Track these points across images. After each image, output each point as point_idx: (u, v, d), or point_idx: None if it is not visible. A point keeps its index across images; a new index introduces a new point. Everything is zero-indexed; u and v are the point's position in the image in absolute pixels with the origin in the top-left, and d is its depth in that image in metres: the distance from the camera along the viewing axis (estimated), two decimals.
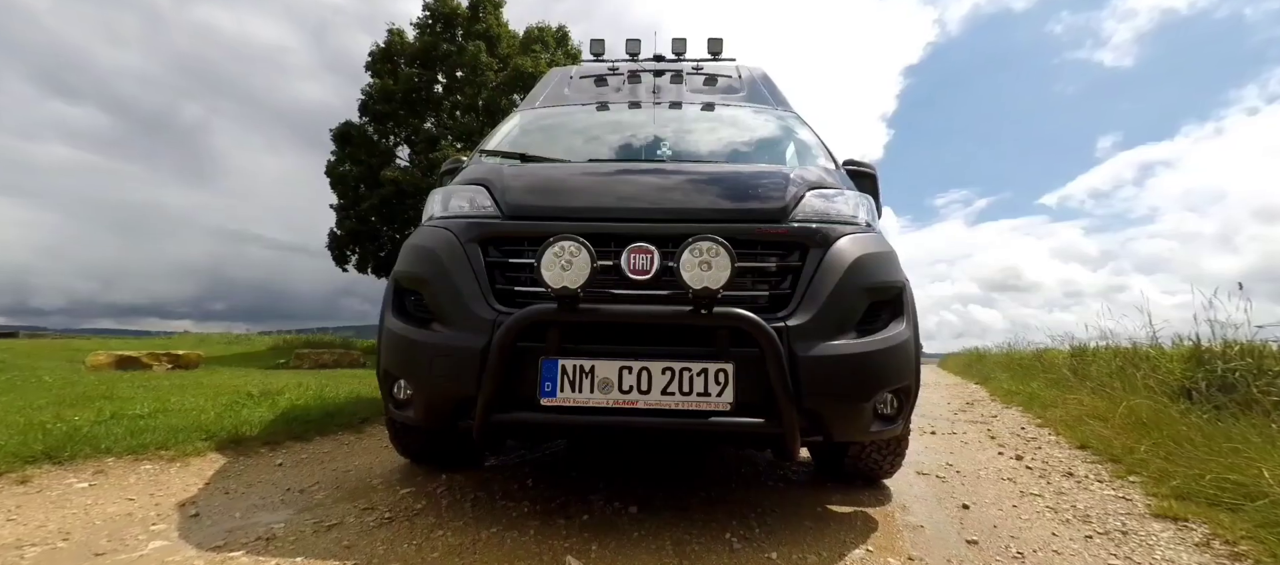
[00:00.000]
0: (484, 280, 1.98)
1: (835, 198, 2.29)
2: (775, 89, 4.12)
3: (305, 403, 4.39)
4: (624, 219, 2.03)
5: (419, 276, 2.11)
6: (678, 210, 2.08)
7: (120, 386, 6.93)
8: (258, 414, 3.87)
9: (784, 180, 2.27)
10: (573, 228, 2.00)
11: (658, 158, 2.91)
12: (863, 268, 1.99)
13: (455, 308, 1.94)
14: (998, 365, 13.37)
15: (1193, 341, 4.41)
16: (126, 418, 4.21)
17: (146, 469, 2.66)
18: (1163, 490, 2.55)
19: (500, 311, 1.88)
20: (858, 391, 1.86)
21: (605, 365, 1.76)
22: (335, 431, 3.64)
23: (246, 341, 29.14)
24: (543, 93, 4.09)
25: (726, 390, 1.74)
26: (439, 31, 16.92)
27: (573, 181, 2.36)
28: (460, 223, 2.15)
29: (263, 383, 6.95)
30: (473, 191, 2.32)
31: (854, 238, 2.08)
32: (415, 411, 2.06)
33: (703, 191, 2.22)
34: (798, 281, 1.95)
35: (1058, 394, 6.03)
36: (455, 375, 1.86)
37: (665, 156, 3.00)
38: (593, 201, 2.13)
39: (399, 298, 2.19)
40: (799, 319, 1.84)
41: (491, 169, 2.46)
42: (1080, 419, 4.41)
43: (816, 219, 2.13)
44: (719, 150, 3.14)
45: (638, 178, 2.38)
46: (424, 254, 2.13)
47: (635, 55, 4.54)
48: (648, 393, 1.74)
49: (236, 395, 5.16)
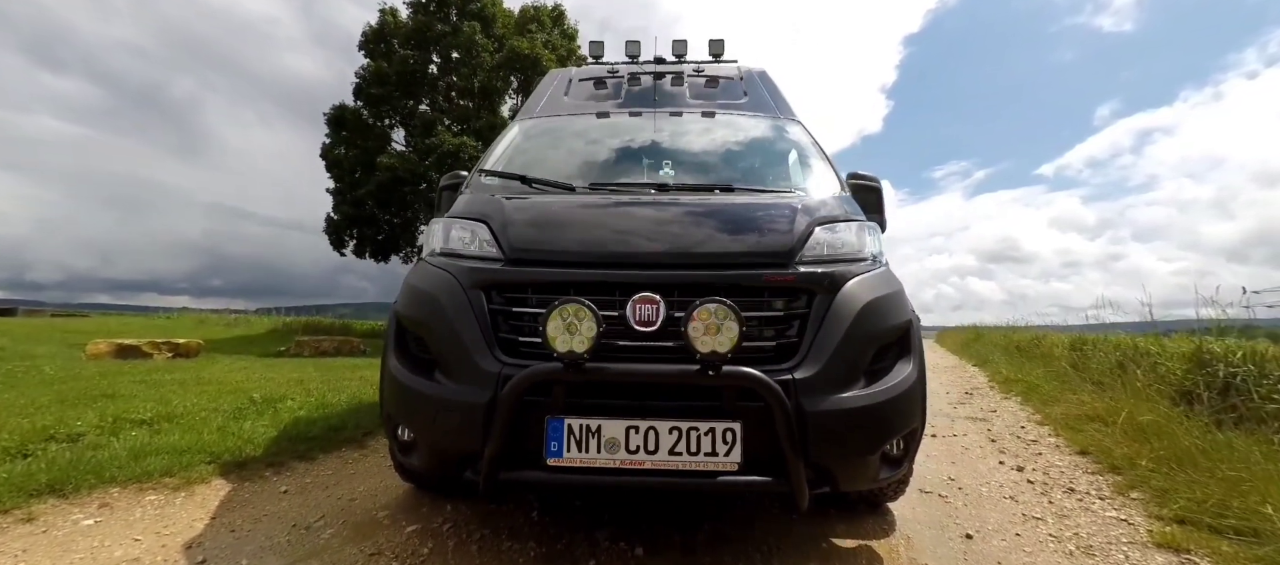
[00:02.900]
0: (487, 329, 1.95)
1: (841, 229, 2.25)
2: (776, 91, 4.04)
3: (307, 413, 4.39)
4: (628, 266, 1.99)
5: (421, 321, 2.08)
6: (684, 255, 2.03)
7: (121, 381, 6.95)
8: (260, 428, 3.87)
9: (790, 215, 2.22)
10: (576, 276, 1.97)
11: (661, 180, 2.85)
12: (871, 314, 1.96)
13: (459, 359, 1.92)
14: (996, 347, 13.43)
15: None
16: (129, 423, 4.23)
17: (151, 501, 2.66)
18: (1165, 513, 2.57)
19: (505, 363, 1.86)
20: (866, 444, 1.85)
21: (612, 425, 1.74)
22: (339, 447, 3.64)
23: (245, 323, 29.19)
24: (542, 98, 4.00)
25: (734, 449, 1.73)
26: (433, 11, 16.54)
27: (575, 217, 2.31)
28: (462, 266, 2.12)
29: (264, 380, 6.97)
30: (473, 228, 2.27)
31: (862, 280, 2.05)
32: (420, 461, 2.06)
33: (708, 232, 2.17)
34: (805, 328, 1.92)
35: (1057, 387, 6.07)
36: (460, 430, 1.84)
37: (668, 178, 2.94)
38: (596, 246, 2.08)
39: (401, 339, 2.17)
40: (806, 371, 1.82)
41: (492, 203, 2.40)
42: (1081, 420, 4.44)
43: (824, 260, 2.10)
44: (723, 171, 3.08)
45: (641, 212, 2.32)
46: (426, 299, 2.09)
47: (635, 58, 4.44)
48: (655, 453, 1.73)
49: (239, 398, 5.17)
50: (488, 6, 16.61)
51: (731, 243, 2.12)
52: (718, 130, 3.48)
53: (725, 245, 2.10)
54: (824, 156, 3.16)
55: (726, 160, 3.24)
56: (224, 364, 9.69)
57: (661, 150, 3.25)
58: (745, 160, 3.28)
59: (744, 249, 2.08)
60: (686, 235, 2.14)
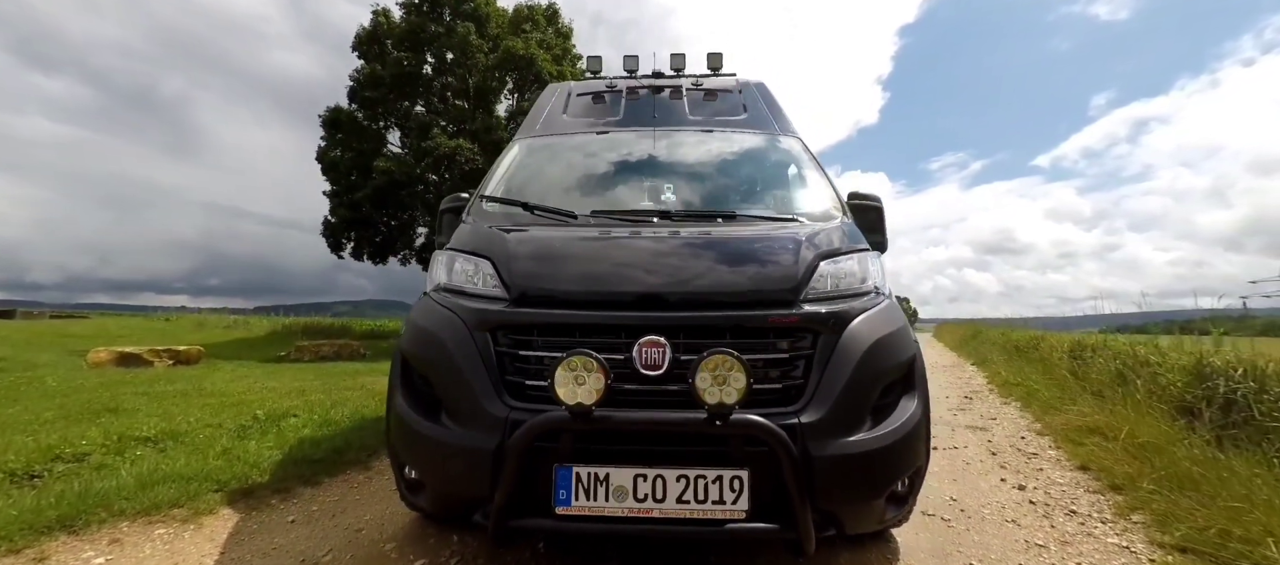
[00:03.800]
0: (494, 372, 1.96)
1: (844, 261, 2.27)
2: (774, 103, 4.05)
3: (311, 432, 4.40)
4: (634, 307, 2.00)
5: (427, 361, 2.09)
6: (689, 296, 2.04)
7: (124, 393, 6.96)
8: (265, 449, 3.88)
9: (794, 249, 2.23)
10: (582, 319, 1.98)
11: (663, 207, 2.85)
12: (876, 354, 1.98)
13: (466, 403, 1.93)
14: (994, 346, 13.49)
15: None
16: (134, 441, 4.25)
17: (161, 535, 2.67)
18: (1167, 540, 2.59)
19: (512, 408, 1.87)
20: (873, 488, 1.87)
21: (620, 473, 1.76)
22: (344, 470, 3.65)
23: (244, 326, 29.20)
24: (541, 115, 4.00)
25: (741, 497, 1.74)
26: (426, 11, 16.44)
27: (579, 253, 2.31)
28: (467, 306, 2.12)
29: (265, 391, 6.99)
30: (477, 263, 2.28)
31: (866, 318, 2.06)
32: (427, 501, 2.08)
33: (713, 269, 2.17)
34: (810, 369, 1.94)
35: (1057, 394, 6.10)
36: (467, 476, 1.86)
37: (670, 203, 2.94)
38: (601, 286, 2.09)
39: (407, 377, 2.18)
40: (812, 414, 1.83)
41: (495, 237, 2.40)
42: (1081, 432, 4.47)
43: (828, 296, 2.11)
44: (724, 196, 3.09)
45: (645, 247, 2.32)
46: (432, 340, 2.10)
47: (633, 72, 4.44)
48: (663, 501, 1.74)
49: (242, 414, 5.18)
50: (481, 6, 16.52)
51: (736, 281, 2.13)
52: (718, 151, 3.48)
53: (730, 284, 2.11)
54: (823, 175, 3.17)
55: (727, 184, 3.25)
56: (225, 372, 9.70)
57: (662, 174, 3.26)
58: (746, 183, 3.29)
59: (749, 288, 2.09)
60: (691, 273, 2.15)
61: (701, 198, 3.11)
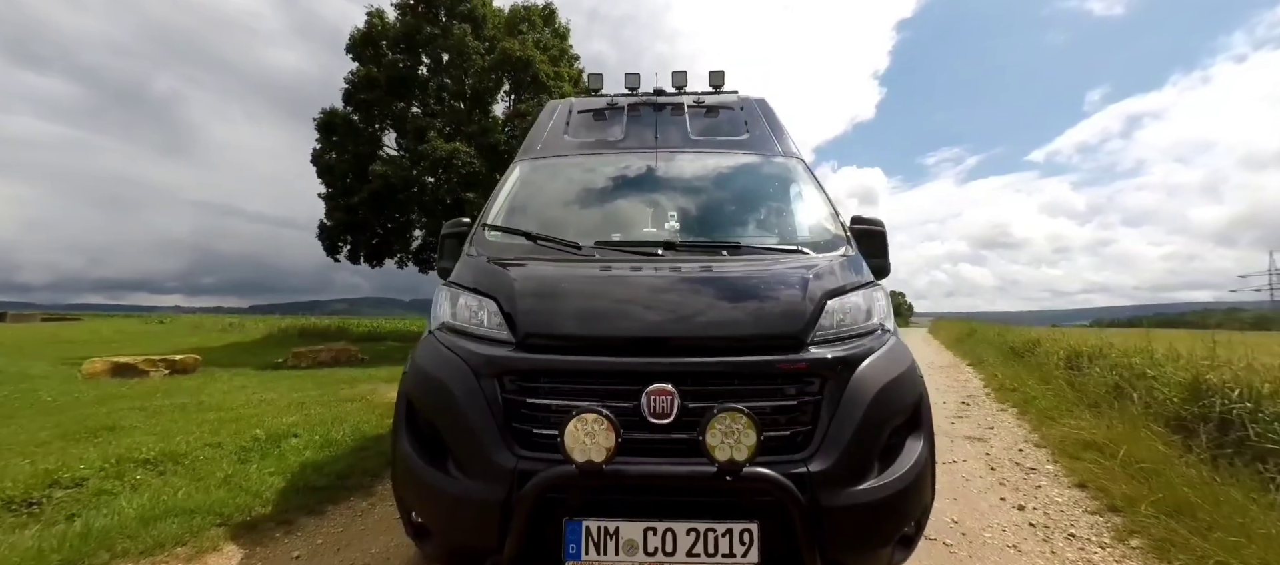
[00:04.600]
0: (501, 420, 1.95)
1: (851, 297, 2.28)
2: (775, 121, 4.05)
3: (313, 455, 4.39)
4: (642, 353, 2.00)
5: (433, 407, 2.09)
6: (696, 341, 2.04)
7: (121, 409, 6.92)
8: (267, 475, 3.87)
9: (800, 286, 2.23)
10: (590, 365, 1.98)
11: (666, 237, 2.84)
12: (884, 399, 1.98)
13: (473, 453, 1.92)
14: (990, 346, 13.59)
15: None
16: (133, 464, 4.23)
17: None
18: None
19: (520, 457, 1.87)
20: (882, 537, 1.88)
21: (630, 527, 1.76)
22: (347, 497, 3.65)
23: (239, 328, 29.08)
24: (542, 134, 3.98)
25: (751, 550, 1.75)
26: (421, 12, 16.33)
27: (585, 292, 2.30)
28: (473, 351, 2.11)
29: (263, 404, 6.96)
30: (482, 302, 2.27)
31: (874, 361, 2.07)
32: (434, 549, 2.07)
33: (719, 310, 2.17)
34: (818, 415, 1.94)
35: (1054, 402, 6.15)
36: (475, 528, 1.86)
37: (674, 232, 2.94)
38: (608, 330, 2.08)
39: (412, 420, 2.17)
40: (821, 463, 1.84)
41: (500, 275, 2.38)
42: (1079, 447, 4.51)
43: (836, 338, 2.11)
44: (728, 225, 3.10)
45: (651, 284, 2.32)
46: (437, 386, 2.09)
47: (635, 89, 4.43)
48: (673, 554, 1.75)
49: (241, 432, 5.17)
50: (478, 7, 16.42)
51: (744, 323, 2.12)
52: (721, 175, 3.48)
53: (738, 327, 2.10)
54: (826, 198, 3.18)
55: (731, 211, 3.25)
56: (222, 382, 9.65)
57: (665, 199, 3.26)
58: (749, 210, 3.30)
59: (756, 332, 2.08)
60: (698, 315, 2.14)
61: (705, 225, 3.11)
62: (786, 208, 3.28)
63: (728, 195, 3.37)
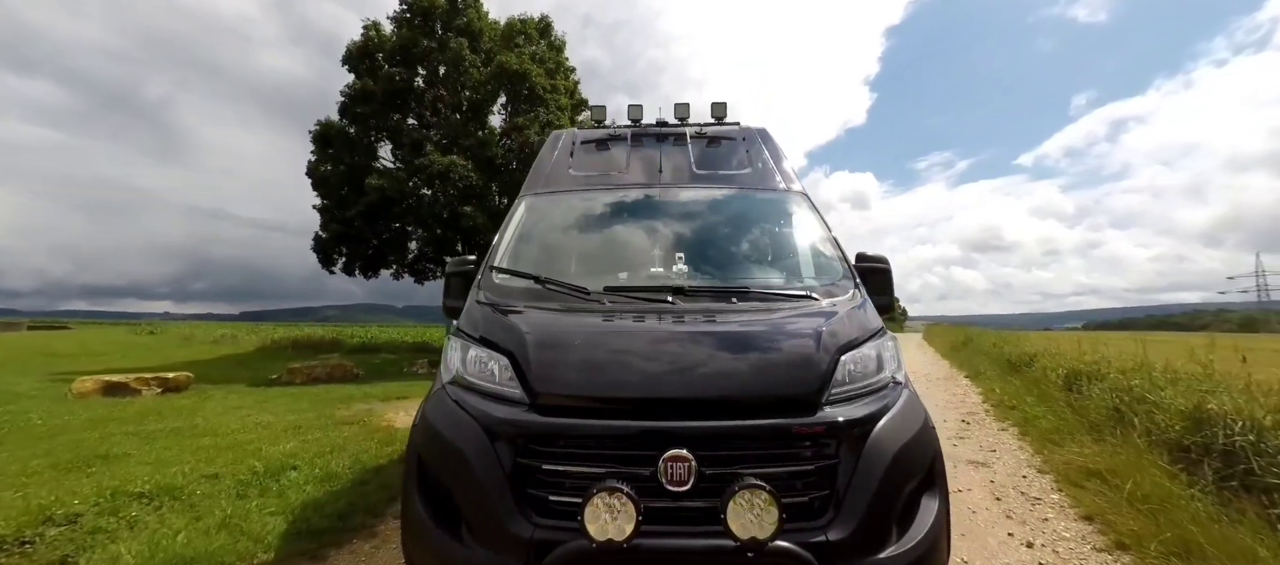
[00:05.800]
0: (515, 486, 1.93)
1: (864, 348, 2.27)
2: (778, 151, 4.08)
3: (313, 491, 4.32)
4: (658, 416, 1.98)
5: (446, 470, 2.06)
6: (712, 403, 2.02)
7: (114, 434, 6.83)
8: (267, 515, 3.80)
9: (814, 340, 2.22)
10: (607, 429, 1.96)
11: (676, 282, 2.83)
12: (902, 459, 1.98)
13: (487, 521, 1.90)
14: (986, 357, 13.64)
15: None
16: (128, 498, 4.16)
17: None
18: None
19: (536, 525, 1.85)
20: None
21: None
22: (350, 538, 3.59)
23: (232, 340, 28.79)
24: (546, 168, 3.98)
25: None
26: (418, 26, 16.31)
27: (599, 347, 2.26)
28: (487, 413, 2.08)
29: (259, 429, 6.88)
30: (495, 358, 2.24)
31: (890, 421, 2.06)
32: None
33: (734, 369, 2.14)
34: (835, 480, 1.93)
35: (1054, 423, 6.17)
36: None
37: (682, 275, 2.93)
38: (624, 392, 2.05)
39: (423, 479, 2.14)
40: (840, 531, 1.83)
41: (511, 329, 2.35)
42: (1083, 474, 4.51)
43: (850, 396, 2.10)
44: (737, 264, 3.13)
45: (664, 341, 2.30)
46: (449, 448, 2.06)
47: (638, 121, 4.44)
48: None
49: (238, 462, 5.12)
50: (474, 20, 16.42)
51: (759, 384, 2.09)
52: (726, 214, 3.50)
53: (753, 389, 2.08)
54: (830, 235, 3.20)
55: (738, 251, 3.26)
56: (216, 402, 9.54)
57: (671, 237, 3.26)
58: (756, 249, 3.30)
59: (771, 393, 2.06)
60: (713, 375, 2.11)
61: (712, 265, 3.11)
62: (792, 248, 3.30)
63: (734, 236, 3.38)
